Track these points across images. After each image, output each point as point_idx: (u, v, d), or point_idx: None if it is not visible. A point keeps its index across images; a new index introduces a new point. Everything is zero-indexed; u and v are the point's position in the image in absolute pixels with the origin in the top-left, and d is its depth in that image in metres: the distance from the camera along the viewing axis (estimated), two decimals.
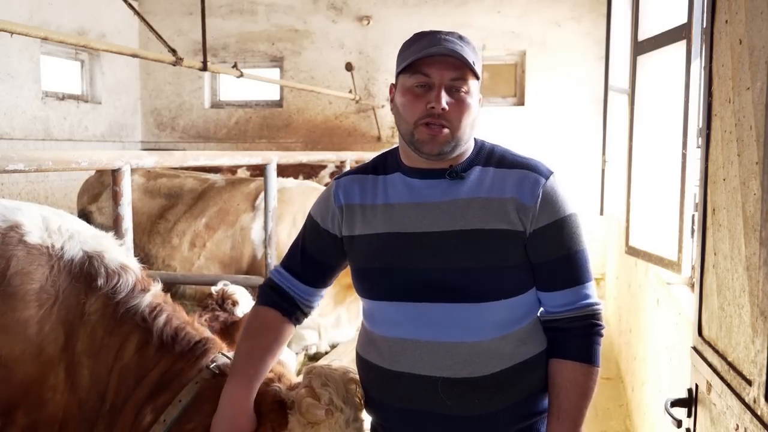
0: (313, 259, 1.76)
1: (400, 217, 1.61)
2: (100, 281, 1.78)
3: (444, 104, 1.53)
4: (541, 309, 1.68)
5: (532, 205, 1.56)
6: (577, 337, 1.62)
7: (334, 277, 1.81)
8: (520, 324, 1.62)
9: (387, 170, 1.70)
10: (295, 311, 1.77)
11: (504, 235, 1.56)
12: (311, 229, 1.76)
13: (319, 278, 1.79)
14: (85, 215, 5.07)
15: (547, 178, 1.59)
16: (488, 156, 1.65)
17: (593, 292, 1.65)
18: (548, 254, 1.59)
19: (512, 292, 1.59)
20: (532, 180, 1.58)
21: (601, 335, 1.65)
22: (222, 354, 1.82)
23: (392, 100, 1.65)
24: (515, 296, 1.60)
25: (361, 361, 1.72)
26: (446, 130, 1.55)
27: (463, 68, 1.55)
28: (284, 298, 1.76)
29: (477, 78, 1.59)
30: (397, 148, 1.72)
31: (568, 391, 1.59)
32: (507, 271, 1.57)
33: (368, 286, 1.67)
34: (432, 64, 1.55)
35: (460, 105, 1.56)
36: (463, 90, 1.56)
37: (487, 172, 1.62)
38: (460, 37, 1.59)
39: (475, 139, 1.69)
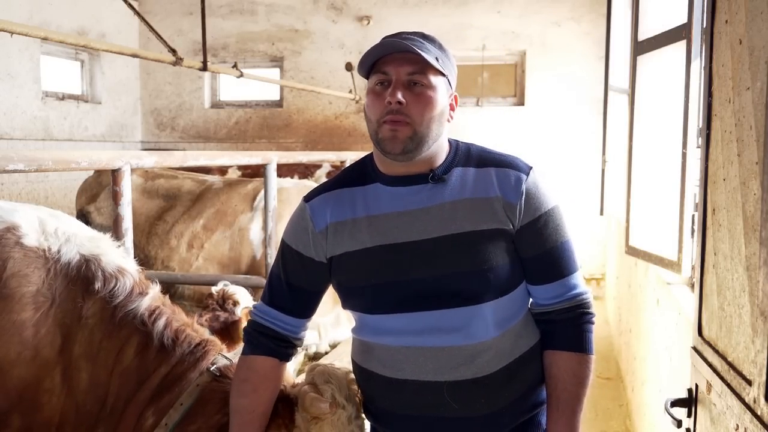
0: (301, 290, 1.68)
1: (388, 228, 1.58)
2: (98, 284, 1.78)
3: (399, 97, 1.52)
4: (531, 301, 1.69)
5: (516, 202, 1.57)
6: (569, 327, 1.64)
7: (319, 302, 1.75)
8: (516, 319, 1.63)
9: (363, 181, 1.65)
10: (290, 351, 1.71)
11: (496, 234, 1.56)
12: (293, 260, 1.67)
13: (309, 307, 1.72)
14: (83, 215, 5.07)
15: (527, 174, 1.60)
16: (466, 156, 1.64)
17: (581, 281, 1.67)
18: (536, 248, 1.60)
19: (507, 289, 1.60)
20: (514, 178, 1.59)
21: (592, 323, 1.66)
22: (222, 355, 1.82)
23: None
24: (509, 293, 1.61)
25: (359, 370, 1.69)
26: (407, 127, 1.52)
27: (420, 63, 1.53)
28: (277, 340, 1.68)
29: (443, 75, 1.57)
30: (366, 158, 1.69)
31: (565, 381, 1.61)
32: (502, 269, 1.57)
33: (364, 303, 1.62)
34: (390, 61, 1.55)
35: (419, 98, 1.54)
36: (423, 83, 1.54)
37: (467, 172, 1.61)
38: (424, 36, 1.59)
39: (449, 140, 1.67)
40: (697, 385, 1.76)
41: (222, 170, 6.85)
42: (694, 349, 1.78)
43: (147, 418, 1.73)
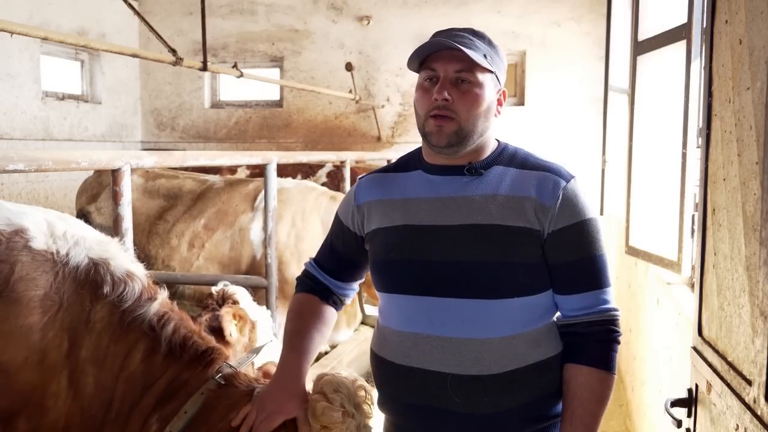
0: (339, 254, 1.83)
1: (417, 211, 1.64)
2: (106, 289, 1.76)
3: (445, 95, 1.57)
4: (558, 313, 1.67)
5: (551, 205, 1.57)
6: (595, 342, 1.60)
7: (364, 271, 1.87)
8: (534, 325, 1.61)
9: (408, 168, 1.74)
10: (331, 296, 1.84)
11: (521, 232, 1.57)
12: (336, 225, 1.84)
13: (347, 272, 1.85)
14: (83, 215, 5.07)
15: (567, 181, 1.61)
16: (510, 157, 1.68)
17: (611, 298, 1.64)
18: (566, 256, 1.60)
19: (525, 291, 1.59)
20: (552, 182, 1.60)
21: (618, 342, 1.62)
22: (227, 364, 1.81)
23: None
24: (528, 296, 1.59)
25: (374, 357, 1.75)
26: (453, 122, 1.58)
27: (468, 60, 1.57)
28: (319, 285, 1.84)
29: (491, 71, 1.61)
30: (417, 149, 1.77)
31: (583, 397, 1.57)
32: (521, 268, 1.57)
33: (384, 279, 1.70)
34: (438, 58, 1.60)
35: (466, 96, 1.58)
36: (470, 80, 1.58)
37: (507, 171, 1.64)
38: (474, 33, 1.63)
39: (498, 140, 1.72)
40: (697, 385, 1.76)
41: (232, 170, 6.87)
42: (694, 349, 1.78)
43: (151, 424, 1.71)
